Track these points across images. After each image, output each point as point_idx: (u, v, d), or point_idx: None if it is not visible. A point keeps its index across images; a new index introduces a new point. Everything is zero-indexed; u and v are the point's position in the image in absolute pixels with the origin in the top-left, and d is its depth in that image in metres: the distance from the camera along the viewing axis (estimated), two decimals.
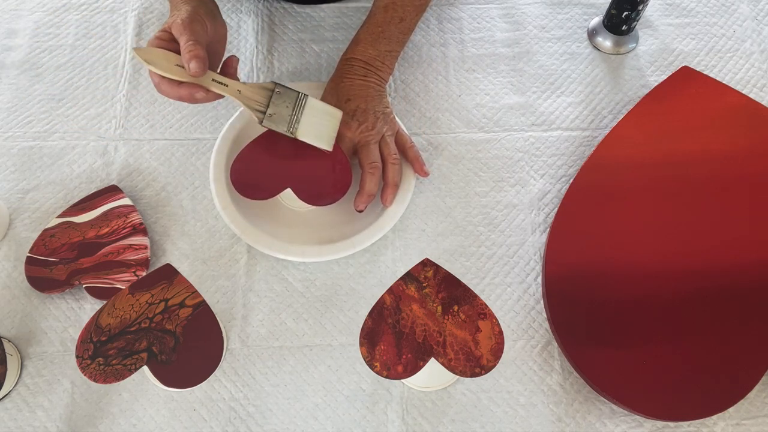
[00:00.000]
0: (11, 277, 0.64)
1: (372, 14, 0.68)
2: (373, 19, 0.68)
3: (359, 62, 0.67)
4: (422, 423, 0.58)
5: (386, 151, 0.65)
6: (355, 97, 0.65)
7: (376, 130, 0.65)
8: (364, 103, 0.65)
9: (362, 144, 0.64)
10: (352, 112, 0.65)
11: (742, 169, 0.67)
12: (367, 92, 0.66)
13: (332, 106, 0.63)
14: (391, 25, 0.67)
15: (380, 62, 0.67)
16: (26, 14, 0.81)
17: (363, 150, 0.64)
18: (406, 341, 0.49)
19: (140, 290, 0.52)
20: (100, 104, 0.74)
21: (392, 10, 0.67)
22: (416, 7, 0.69)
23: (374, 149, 0.64)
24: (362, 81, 0.66)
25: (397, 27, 0.68)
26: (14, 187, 0.69)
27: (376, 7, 0.68)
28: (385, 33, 0.67)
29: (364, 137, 0.64)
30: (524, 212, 0.68)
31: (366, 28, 0.68)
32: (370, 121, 0.65)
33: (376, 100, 0.66)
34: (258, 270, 0.65)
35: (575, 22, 0.80)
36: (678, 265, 0.62)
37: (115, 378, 0.49)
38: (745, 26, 0.80)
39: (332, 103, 0.65)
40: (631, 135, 0.69)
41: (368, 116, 0.65)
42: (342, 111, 0.63)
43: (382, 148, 0.65)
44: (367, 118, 0.65)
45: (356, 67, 0.67)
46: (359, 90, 0.66)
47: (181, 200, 0.68)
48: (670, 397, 0.57)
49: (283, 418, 0.59)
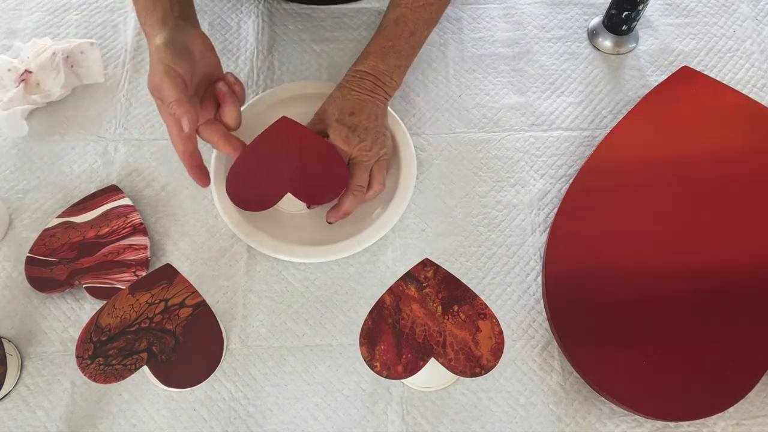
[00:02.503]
0: (11, 277, 0.64)
1: (382, 27, 0.67)
2: (384, 33, 0.66)
3: (369, 76, 0.65)
4: (422, 423, 0.58)
5: (377, 177, 0.64)
6: (360, 113, 0.64)
7: (373, 151, 0.63)
8: (367, 120, 0.64)
9: (356, 163, 0.63)
10: (354, 126, 0.63)
11: (742, 169, 0.67)
12: (372, 110, 0.65)
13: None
14: (401, 39, 0.66)
15: (389, 77, 0.66)
16: (26, 14, 0.81)
17: (355, 168, 0.63)
18: (406, 341, 0.49)
19: (140, 290, 0.52)
20: (100, 104, 0.74)
21: (403, 23, 0.66)
22: (427, 21, 0.67)
23: (365, 172, 0.63)
24: (369, 97, 0.65)
25: (408, 41, 0.66)
26: (14, 187, 0.69)
27: (387, 21, 0.67)
28: (396, 47, 0.66)
29: (360, 156, 0.63)
30: (524, 212, 0.68)
31: (376, 41, 0.67)
32: (370, 140, 0.63)
33: (379, 120, 0.65)
34: (258, 270, 0.65)
35: (575, 22, 0.80)
36: (678, 265, 0.62)
37: (115, 378, 0.49)
38: (745, 26, 0.80)
39: (334, 113, 0.64)
40: (631, 135, 0.69)
41: (369, 135, 0.63)
42: (343, 124, 0.62)
43: (374, 171, 0.64)
44: (367, 137, 0.63)
45: (365, 81, 0.65)
46: (366, 106, 0.64)
47: (181, 200, 0.68)
48: (670, 397, 0.57)
49: (283, 418, 0.59)
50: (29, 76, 0.72)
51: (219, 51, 0.77)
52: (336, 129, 0.63)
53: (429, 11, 0.66)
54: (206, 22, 0.80)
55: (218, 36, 0.79)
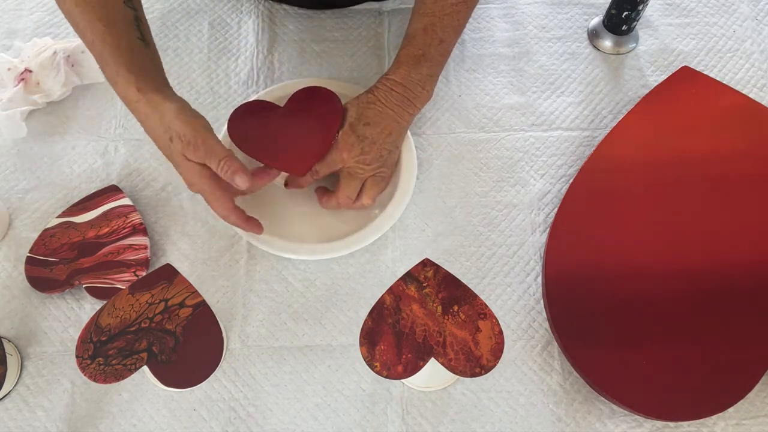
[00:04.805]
0: (11, 277, 0.64)
1: (412, 36, 0.65)
2: (413, 42, 0.65)
3: (399, 86, 0.64)
4: (422, 423, 0.58)
5: (368, 191, 0.63)
6: (375, 125, 0.62)
7: (371, 167, 0.62)
8: (379, 135, 0.62)
9: (349, 173, 0.62)
10: (363, 137, 0.62)
11: (742, 169, 0.67)
12: (389, 125, 0.63)
13: None
14: (431, 48, 0.64)
15: (420, 87, 0.64)
16: (26, 14, 0.81)
17: (346, 179, 0.62)
18: (406, 341, 0.49)
19: (140, 290, 0.52)
20: (100, 104, 0.74)
21: (432, 32, 0.64)
22: (455, 29, 0.66)
23: (356, 184, 0.63)
24: (393, 113, 0.63)
25: (437, 49, 0.65)
26: (14, 187, 0.69)
27: (415, 30, 0.65)
28: (426, 56, 0.64)
29: (355, 168, 0.62)
30: (524, 212, 0.68)
31: (406, 50, 0.65)
32: (372, 155, 0.62)
33: (392, 137, 0.64)
34: (258, 270, 0.65)
35: (575, 22, 0.80)
36: (678, 265, 0.62)
37: (115, 378, 0.49)
38: (745, 26, 0.80)
39: (352, 115, 0.63)
40: (631, 135, 0.69)
41: (373, 150, 0.62)
42: (354, 132, 0.62)
43: (366, 185, 0.63)
44: (371, 151, 0.62)
45: (394, 93, 0.64)
46: (384, 120, 0.63)
47: (181, 200, 0.68)
48: (670, 397, 0.57)
49: (283, 418, 0.59)
50: (29, 76, 0.72)
51: (219, 51, 0.78)
52: (346, 133, 0.62)
53: (456, 19, 0.65)
54: (206, 22, 0.80)
55: (218, 36, 0.79)
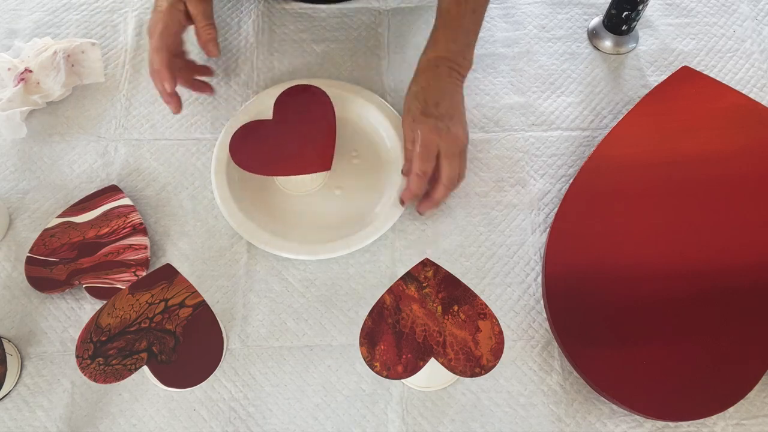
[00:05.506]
0: (11, 277, 0.64)
1: (445, 10, 0.66)
2: (448, 15, 0.66)
3: (443, 60, 0.65)
4: (422, 423, 0.58)
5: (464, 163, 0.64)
6: (444, 101, 0.63)
7: (460, 140, 0.63)
8: (453, 109, 0.64)
9: (449, 155, 0.62)
10: (441, 117, 0.62)
11: (742, 169, 0.67)
12: (455, 96, 0.64)
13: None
14: (465, 18, 0.66)
15: (462, 57, 0.66)
16: (26, 14, 0.81)
17: (449, 161, 0.62)
18: (406, 341, 0.49)
19: (140, 290, 0.52)
20: (100, 104, 0.74)
21: (464, 3, 0.65)
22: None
23: (459, 162, 0.63)
24: (449, 83, 0.65)
25: (471, 19, 0.66)
26: (14, 187, 0.69)
27: (447, 3, 0.66)
28: (463, 26, 0.66)
29: (452, 148, 0.63)
30: (524, 212, 0.68)
31: (442, 23, 0.66)
32: (456, 129, 0.63)
33: (462, 106, 0.65)
34: (258, 270, 0.65)
35: (575, 22, 0.80)
36: (678, 265, 0.62)
37: (115, 378, 0.49)
38: (745, 26, 0.80)
39: (418, 107, 0.63)
40: (631, 135, 0.69)
41: (454, 124, 0.63)
42: (431, 116, 0.62)
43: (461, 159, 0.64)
44: (453, 125, 0.63)
45: (441, 68, 0.65)
46: (447, 93, 0.64)
47: (181, 200, 0.68)
48: (670, 397, 0.57)
49: (283, 418, 0.59)
50: (29, 75, 0.72)
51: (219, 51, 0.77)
52: (424, 122, 0.62)
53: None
54: None
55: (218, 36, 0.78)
